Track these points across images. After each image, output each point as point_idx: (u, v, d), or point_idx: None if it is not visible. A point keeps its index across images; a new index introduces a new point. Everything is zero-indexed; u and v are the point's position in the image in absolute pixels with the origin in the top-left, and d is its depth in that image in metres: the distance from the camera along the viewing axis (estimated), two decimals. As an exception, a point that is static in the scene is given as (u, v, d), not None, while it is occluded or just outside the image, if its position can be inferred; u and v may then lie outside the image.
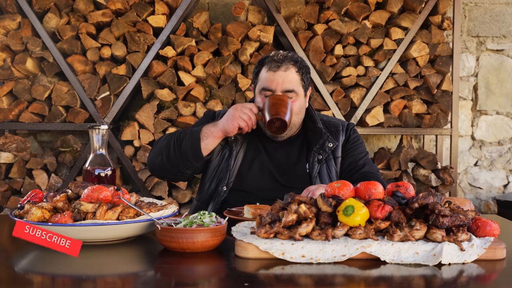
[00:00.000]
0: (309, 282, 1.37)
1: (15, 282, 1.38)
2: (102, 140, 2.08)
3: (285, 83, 2.28)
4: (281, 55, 2.32)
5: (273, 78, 2.28)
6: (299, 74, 2.32)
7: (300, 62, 2.34)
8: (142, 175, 3.75)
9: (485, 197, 4.39)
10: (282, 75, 2.28)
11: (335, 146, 2.40)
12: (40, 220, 1.67)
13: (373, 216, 1.56)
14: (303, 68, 2.34)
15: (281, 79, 2.28)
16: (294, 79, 2.30)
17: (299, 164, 2.41)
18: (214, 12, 4.17)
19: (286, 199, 1.65)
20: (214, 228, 1.58)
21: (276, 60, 2.30)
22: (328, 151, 2.39)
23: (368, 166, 2.41)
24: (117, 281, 1.40)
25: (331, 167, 2.40)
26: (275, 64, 2.29)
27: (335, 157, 2.42)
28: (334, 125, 2.47)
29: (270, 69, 2.29)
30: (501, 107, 4.36)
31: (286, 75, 2.28)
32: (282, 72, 2.28)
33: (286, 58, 2.31)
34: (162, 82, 3.75)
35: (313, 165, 2.37)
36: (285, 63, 2.29)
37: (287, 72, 2.29)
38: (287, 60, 2.30)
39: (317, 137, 2.40)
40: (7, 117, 3.73)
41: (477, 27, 4.32)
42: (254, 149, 2.43)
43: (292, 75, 2.30)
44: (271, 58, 2.32)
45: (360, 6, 3.83)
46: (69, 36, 3.73)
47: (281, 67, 2.28)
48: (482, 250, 1.50)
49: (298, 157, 2.42)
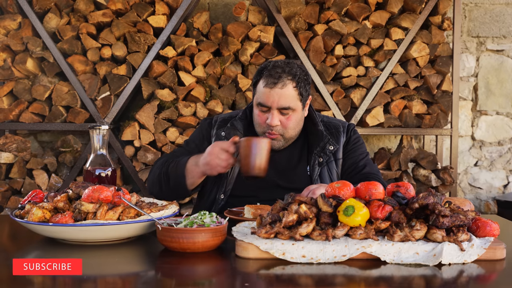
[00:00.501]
0: (310, 282, 1.37)
1: (15, 282, 1.38)
2: (103, 140, 2.08)
3: (281, 100, 2.26)
4: (279, 70, 2.28)
5: (269, 94, 2.26)
6: (297, 89, 2.28)
7: (298, 76, 2.29)
8: (143, 175, 3.75)
9: (485, 197, 4.39)
10: (279, 92, 2.25)
11: (336, 148, 2.40)
12: (41, 220, 1.67)
13: (374, 216, 1.56)
14: (301, 82, 2.30)
15: (277, 97, 2.26)
16: (290, 96, 2.27)
17: (300, 167, 2.41)
18: (215, 12, 4.17)
19: (287, 199, 1.65)
20: (215, 228, 1.58)
21: (273, 75, 2.27)
22: (329, 153, 2.39)
23: (369, 167, 2.41)
24: (118, 281, 1.41)
25: (332, 169, 2.40)
26: (272, 80, 2.26)
27: (336, 159, 2.41)
28: (335, 126, 2.47)
29: (267, 85, 2.27)
30: (501, 107, 4.36)
31: (283, 92, 2.26)
32: (279, 90, 2.25)
33: (283, 73, 2.27)
34: (162, 82, 3.75)
35: (314, 167, 2.37)
36: (282, 79, 2.26)
37: (284, 89, 2.26)
38: (284, 75, 2.27)
39: (318, 140, 2.40)
40: (8, 117, 3.73)
41: (477, 28, 4.32)
42: None
43: (289, 92, 2.27)
44: (269, 72, 2.28)
45: (360, 6, 3.83)
46: (70, 36, 3.73)
47: (278, 84, 2.25)
48: (482, 250, 1.51)
49: (299, 159, 2.42)
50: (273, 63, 2.33)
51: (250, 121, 2.48)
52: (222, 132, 2.43)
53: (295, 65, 2.34)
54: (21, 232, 1.90)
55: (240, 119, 2.48)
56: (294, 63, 2.35)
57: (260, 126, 2.35)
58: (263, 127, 2.34)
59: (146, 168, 3.77)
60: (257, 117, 2.35)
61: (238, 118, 2.48)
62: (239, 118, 2.48)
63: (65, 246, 1.66)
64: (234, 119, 2.47)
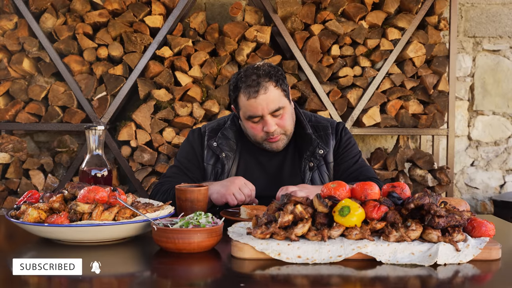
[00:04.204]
0: (305, 283, 1.37)
1: (11, 282, 1.38)
2: (99, 141, 2.08)
3: (270, 105, 2.24)
4: (254, 77, 2.24)
5: (256, 104, 2.24)
6: (278, 87, 2.27)
7: (273, 74, 2.27)
8: (139, 175, 3.75)
9: (482, 197, 4.39)
10: (264, 98, 2.23)
11: (326, 152, 2.39)
12: (37, 221, 1.67)
13: (369, 217, 1.56)
14: (279, 79, 2.28)
15: (265, 103, 2.24)
16: (276, 96, 2.26)
17: (292, 172, 2.40)
18: (211, 12, 4.17)
19: (282, 200, 1.65)
20: (210, 229, 1.58)
21: (251, 85, 2.23)
22: (319, 158, 2.37)
23: (364, 170, 2.40)
24: (113, 282, 1.41)
25: (323, 172, 2.38)
26: (253, 89, 2.23)
27: (327, 162, 2.40)
28: (324, 128, 2.44)
29: (250, 97, 2.24)
30: (497, 107, 4.36)
31: (267, 96, 2.23)
32: (263, 95, 2.23)
33: (259, 78, 2.24)
34: (159, 82, 3.75)
35: (305, 172, 2.36)
36: (261, 84, 2.23)
37: (268, 93, 2.23)
38: (261, 79, 2.24)
39: (307, 144, 2.38)
40: (4, 117, 3.73)
41: (474, 28, 4.33)
42: (247, 162, 2.42)
43: (273, 93, 2.25)
44: (246, 85, 2.25)
45: (356, 6, 3.84)
46: (66, 36, 3.72)
47: (260, 90, 2.22)
48: (478, 251, 1.51)
49: (291, 166, 2.41)
50: (243, 74, 2.29)
51: (239, 128, 2.46)
52: (214, 143, 2.41)
53: (264, 66, 2.31)
54: (17, 233, 1.90)
55: (230, 128, 2.45)
56: (262, 65, 2.32)
57: (258, 136, 2.33)
58: (262, 136, 2.32)
59: (142, 168, 3.77)
60: (252, 130, 2.32)
61: (228, 127, 2.45)
62: (229, 127, 2.45)
63: (60, 247, 1.66)
64: (224, 128, 2.45)
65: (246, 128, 2.35)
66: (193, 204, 1.93)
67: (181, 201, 1.95)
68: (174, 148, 3.76)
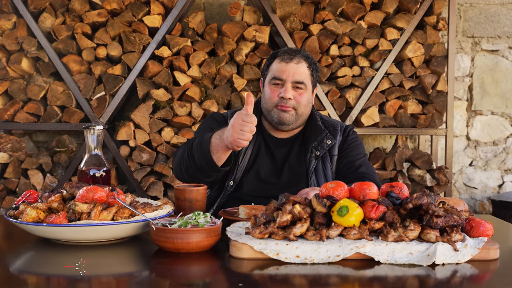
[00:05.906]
0: (304, 282, 1.37)
1: (10, 282, 1.38)
2: (97, 140, 2.08)
3: (296, 74, 2.36)
4: (294, 50, 2.43)
5: (285, 68, 2.37)
6: (310, 70, 2.40)
7: (311, 59, 2.43)
8: (138, 175, 3.75)
9: (480, 197, 4.40)
10: (294, 67, 2.37)
11: (333, 143, 2.44)
12: (35, 221, 1.67)
13: (367, 217, 1.56)
14: (313, 65, 2.43)
15: (292, 70, 2.36)
16: (304, 72, 2.38)
17: (297, 161, 2.43)
18: (210, 12, 4.17)
19: (281, 200, 1.65)
20: (209, 229, 1.58)
21: (289, 52, 2.40)
22: (326, 147, 2.42)
23: (365, 167, 2.42)
24: (112, 281, 1.41)
25: (327, 164, 2.42)
26: (288, 56, 2.38)
27: (331, 155, 2.44)
28: (333, 125, 2.51)
29: (283, 60, 2.38)
30: (496, 107, 4.37)
31: (298, 68, 2.37)
32: (294, 64, 2.37)
33: (298, 52, 2.41)
34: (157, 82, 3.75)
35: (310, 160, 2.40)
36: (298, 56, 2.39)
37: (299, 65, 2.37)
38: (299, 54, 2.40)
39: (315, 134, 2.44)
40: (2, 117, 3.72)
41: (472, 28, 4.33)
42: (260, 147, 2.46)
43: (303, 69, 2.38)
44: (284, 51, 2.42)
45: (355, 6, 3.84)
46: (65, 36, 3.72)
47: (294, 59, 2.37)
48: (476, 251, 1.51)
49: (297, 154, 2.45)
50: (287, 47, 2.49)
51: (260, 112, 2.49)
52: None
53: (307, 52, 2.48)
54: (16, 233, 1.90)
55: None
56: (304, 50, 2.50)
57: (272, 100, 2.39)
58: (275, 101, 2.38)
59: (141, 168, 3.77)
60: (270, 93, 2.40)
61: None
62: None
63: (59, 247, 1.66)
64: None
65: (265, 92, 2.43)
66: (192, 204, 1.94)
67: (179, 200, 1.95)
68: (173, 148, 3.76)
